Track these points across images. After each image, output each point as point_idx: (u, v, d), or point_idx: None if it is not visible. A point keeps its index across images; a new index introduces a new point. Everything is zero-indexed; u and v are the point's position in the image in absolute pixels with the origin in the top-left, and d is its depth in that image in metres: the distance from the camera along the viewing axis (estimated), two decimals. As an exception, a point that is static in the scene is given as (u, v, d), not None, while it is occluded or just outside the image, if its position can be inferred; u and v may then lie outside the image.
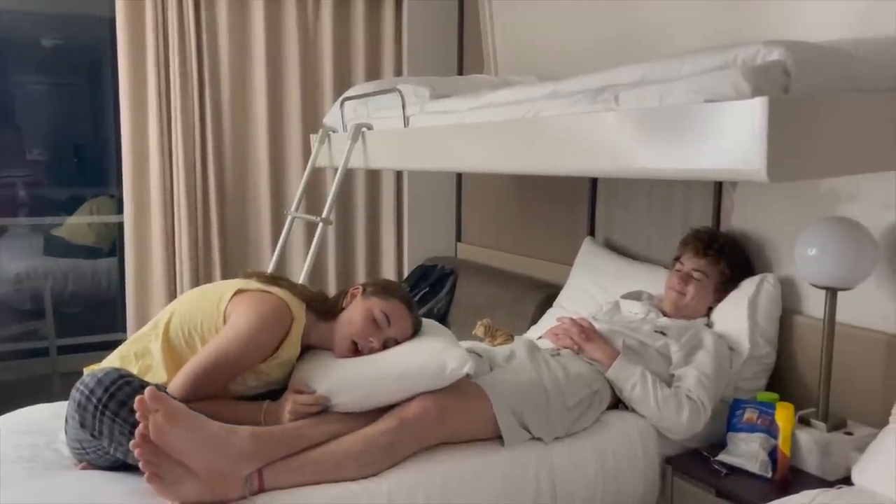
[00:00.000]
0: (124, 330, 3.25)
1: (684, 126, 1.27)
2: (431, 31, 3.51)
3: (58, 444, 1.72)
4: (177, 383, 1.63)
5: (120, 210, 3.23)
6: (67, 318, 4.07)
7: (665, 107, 1.33)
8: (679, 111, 1.29)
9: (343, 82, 3.35)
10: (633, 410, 1.92)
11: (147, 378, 1.63)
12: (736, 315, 2.06)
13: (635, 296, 2.30)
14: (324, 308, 1.84)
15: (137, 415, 1.39)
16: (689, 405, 1.85)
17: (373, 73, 3.46)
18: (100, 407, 1.47)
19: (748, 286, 2.08)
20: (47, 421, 1.83)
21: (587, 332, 2.01)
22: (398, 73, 3.48)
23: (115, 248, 4.17)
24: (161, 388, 1.60)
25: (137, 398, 1.39)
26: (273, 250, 3.01)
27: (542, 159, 1.64)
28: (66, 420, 1.60)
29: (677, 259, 2.20)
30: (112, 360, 1.75)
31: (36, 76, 4.30)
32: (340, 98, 2.67)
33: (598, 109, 1.48)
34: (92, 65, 4.38)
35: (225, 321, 1.70)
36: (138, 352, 1.73)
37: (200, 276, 3.21)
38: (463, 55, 3.55)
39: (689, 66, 1.35)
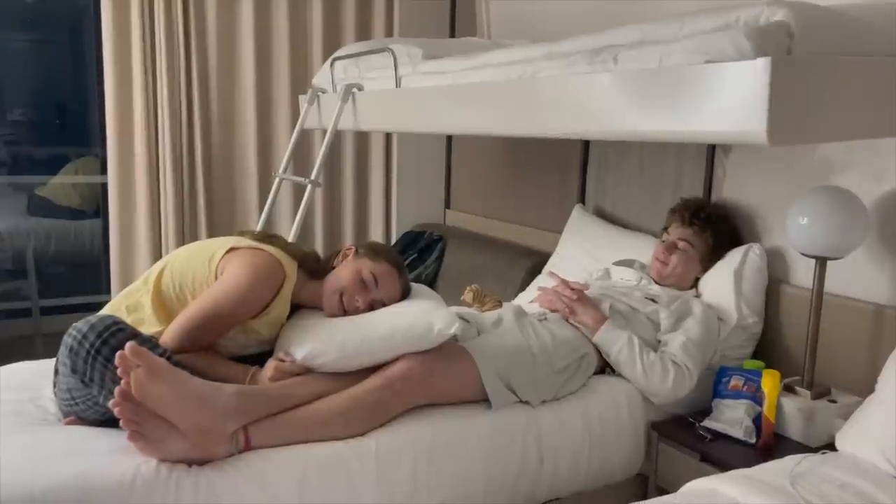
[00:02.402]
0: (108, 292, 3.22)
1: (684, 87, 1.25)
2: (424, -7, 3.45)
3: (42, 400, 1.71)
4: (169, 335, 1.63)
5: (104, 171, 3.18)
6: (51, 278, 4.02)
7: (664, 67, 1.31)
8: (679, 72, 1.26)
9: (333, 43, 3.28)
10: (620, 375, 1.93)
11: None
12: (722, 285, 2.07)
13: (627, 263, 2.30)
14: (316, 267, 1.84)
15: (119, 371, 1.37)
16: (675, 370, 1.86)
17: (363, 35, 3.39)
18: (92, 352, 1.47)
19: (734, 256, 2.09)
20: (32, 378, 1.82)
21: (579, 294, 2.01)
22: (389, 35, 3.42)
23: (99, 209, 4.11)
24: (153, 338, 1.58)
25: (118, 353, 1.37)
26: (260, 212, 2.97)
27: (537, 121, 1.62)
28: (56, 371, 1.59)
29: (665, 229, 2.20)
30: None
31: (17, 32, 4.18)
32: (331, 58, 2.62)
33: (596, 70, 1.46)
34: (75, 21, 4.27)
35: (216, 278, 1.69)
36: (130, 306, 1.73)
37: (186, 239, 3.16)
38: (455, 18, 3.50)
39: (689, 27, 1.32)
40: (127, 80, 3.03)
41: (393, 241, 3.52)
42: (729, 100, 1.18)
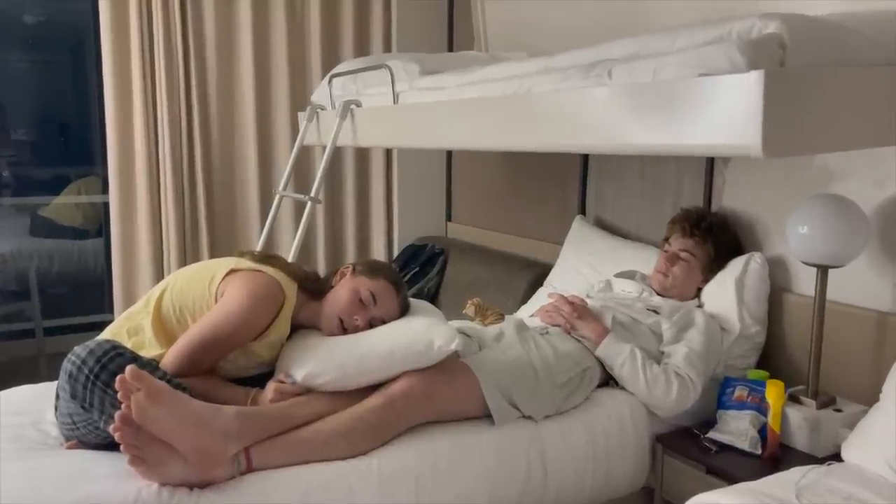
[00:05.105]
0: (111, 311, 3.22)
1: (678, 101, 1.25)
2: (421, 8, 3.46)
3: (44, 424, 1.71)
4: (169, 358, 1.63)
5: (105, 190, 3.19)
6: (54, 299, 4.03)
7: (658, 81, 1.31)
8: (673, 86, 1.26)
9: (331, 59, 3.30)
10: (624, 388, 1.92)
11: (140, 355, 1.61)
12: (724, 295, 2.06)
13: (629, 275, 2.29)
14: (315, 287, 1.84)
15: (119, 395, 1.37)
16: (678, 382, 1.85)
17: (361, 50, 3.41)
18: (91, 377, 1.46)
19: (735, 266, 2.08)
20: (32, 401, 1.82)
21: (578, 309, 2.00)
22: (387, 50, 3.43)
23: (101, 229, 4.12)
24: (153, 361, 1.58)
25: (118, 377, 1.37)
26: (261, 229, 2.98)
27: (534, 136, 1.62)
28: (57, 395, 1.59)
29: (666, 240, 2.19)
30: (104, 337, 1.73)
31: (18, 53, 4.22)
32: (328, 75, 2.64)
33: (591, 85, 1.46)
34: (76, 42, 4.30)
35: (216, 301, 1.69)
36: (131, 329, 1.72)
37: (188, 257, 3.17)
38: (453, 32, 3.51)
39: (683, 40, 1.32)
40: (127, 99, 3.04)
41: (395, 255, 3.52)
42: (723, 113, 1.18)
